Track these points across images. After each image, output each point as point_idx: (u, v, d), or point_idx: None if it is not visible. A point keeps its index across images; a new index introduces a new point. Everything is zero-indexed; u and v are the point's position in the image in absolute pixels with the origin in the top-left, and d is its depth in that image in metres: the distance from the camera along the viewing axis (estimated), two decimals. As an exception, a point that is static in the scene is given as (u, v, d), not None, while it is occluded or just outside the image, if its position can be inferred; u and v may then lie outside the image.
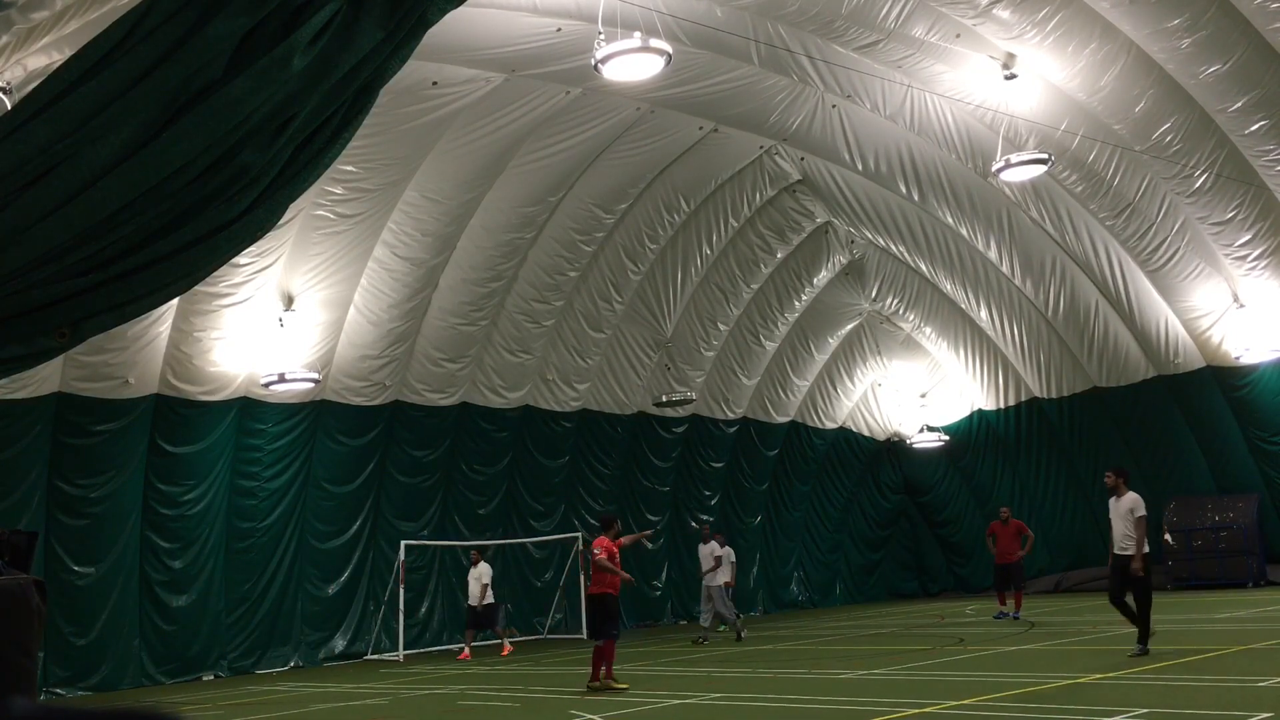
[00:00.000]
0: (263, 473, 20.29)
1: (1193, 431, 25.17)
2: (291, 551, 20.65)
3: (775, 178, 23.92)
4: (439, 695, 14.37)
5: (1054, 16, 17.41)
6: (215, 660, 19.41)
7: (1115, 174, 21.12)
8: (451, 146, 18.96)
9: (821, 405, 29.53)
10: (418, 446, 22.46)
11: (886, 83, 19.73)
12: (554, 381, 24.26)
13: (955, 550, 29.98)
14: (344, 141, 2.75)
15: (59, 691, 17.29)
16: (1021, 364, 27.00)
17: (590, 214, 22.31)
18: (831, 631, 20.38)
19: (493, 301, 22.18)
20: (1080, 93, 19.22)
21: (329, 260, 19.31)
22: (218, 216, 2.57)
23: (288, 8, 2.45)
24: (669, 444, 26.77)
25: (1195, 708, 9.02)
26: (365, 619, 21.69)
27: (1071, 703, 9.60)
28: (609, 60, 13.34)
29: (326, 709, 13.69)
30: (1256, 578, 23.66)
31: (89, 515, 18.17)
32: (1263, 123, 19.11)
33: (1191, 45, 17.81)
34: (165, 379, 18.70)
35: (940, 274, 25.87)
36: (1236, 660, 11.91)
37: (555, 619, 24.46)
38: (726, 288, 25.57)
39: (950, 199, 23.14)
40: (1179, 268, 22.58)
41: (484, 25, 16.27)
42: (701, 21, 16.81)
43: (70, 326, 2.58)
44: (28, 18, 12.04)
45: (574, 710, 11.60)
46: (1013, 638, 15.60)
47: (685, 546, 26.85)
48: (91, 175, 2.38)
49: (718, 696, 12.07)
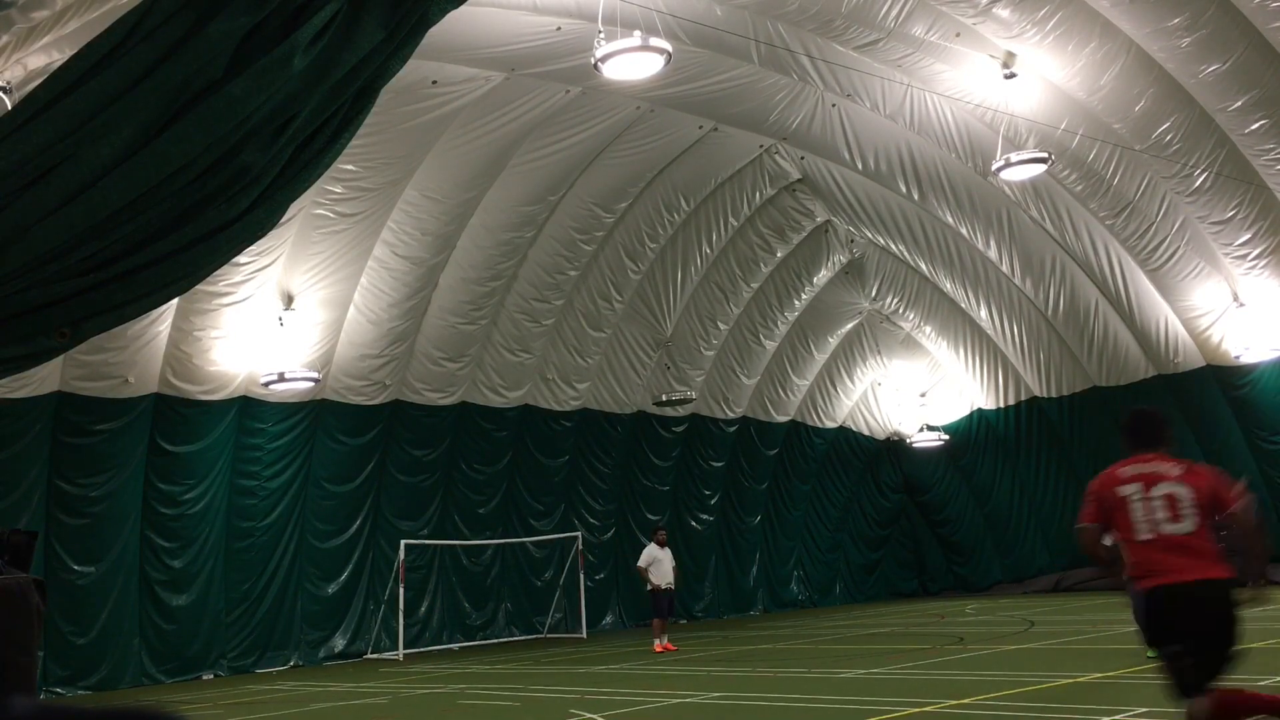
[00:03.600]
0: (263, 472, 20.30)
1: (1192, 431, 25.13)
2: (291, 551, 20.66)
3: (775, 177, 23.91)
4: (439, 694, 14.37)
5: (1054, 15, 17.41)
6: (215, 659, 19.42)
7: (1115, 173, 21.12)
8: (451, 145, 18.96)
9: (821, 405, 29.54)
10: (418, 446, 22.46)
11: (886, 82, 19.72)
12: (554, 381, 24.26)
13: (955, 549, 29.98)
14: (345, 141, 2.75)
15: (59, 691, 17.30)
16: (1021, 363, 27.00)
17: (590, 213, 22.31)
18: (831, 631, 20.38)
19: (493, 301, 22.18)
20: (1080, 92, 19.21)
21: (329, 259, 19.31)
22: (218, 216, 2.57)
23: (288, 8, 2.45)
24: (669, 443, 26.77)
25: (1195, 707, 9.01)
26: (365, 618, 21.70)
27: (1071, 702, 9.60)
28: (609, 59, 13.33)
29: (326, 708, 13.70)
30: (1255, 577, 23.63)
31: (89, 514, 18.17)
32: (1262, 122, 19.10)
33: (1191, 44, 17.81)
34: (165, 378, 18.70)
35: (940, 273, 25.87)
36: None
37: (555, 618, 24.46)
38: (726, 287, 25.57)
39: (950, 198, 23.13)
40: (1179, 267, 22.57)
41: (484, 24, 16.27)
42: (701, 20, 16.81)
43: (71, 326, 2.58)
44: (28, 17, 12.04)
45: (574, 710, 11.60)
46: (1013, 638, 15.60)
47: (686, 546, 26.88)
48: (92, 175, 2.38)
49: (718, 696, 12.07)
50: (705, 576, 27.44)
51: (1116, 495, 5.93)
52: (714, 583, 27.64)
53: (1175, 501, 5.80)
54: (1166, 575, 5.74)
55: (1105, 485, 6.03)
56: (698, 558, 27.22)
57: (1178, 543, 5.77)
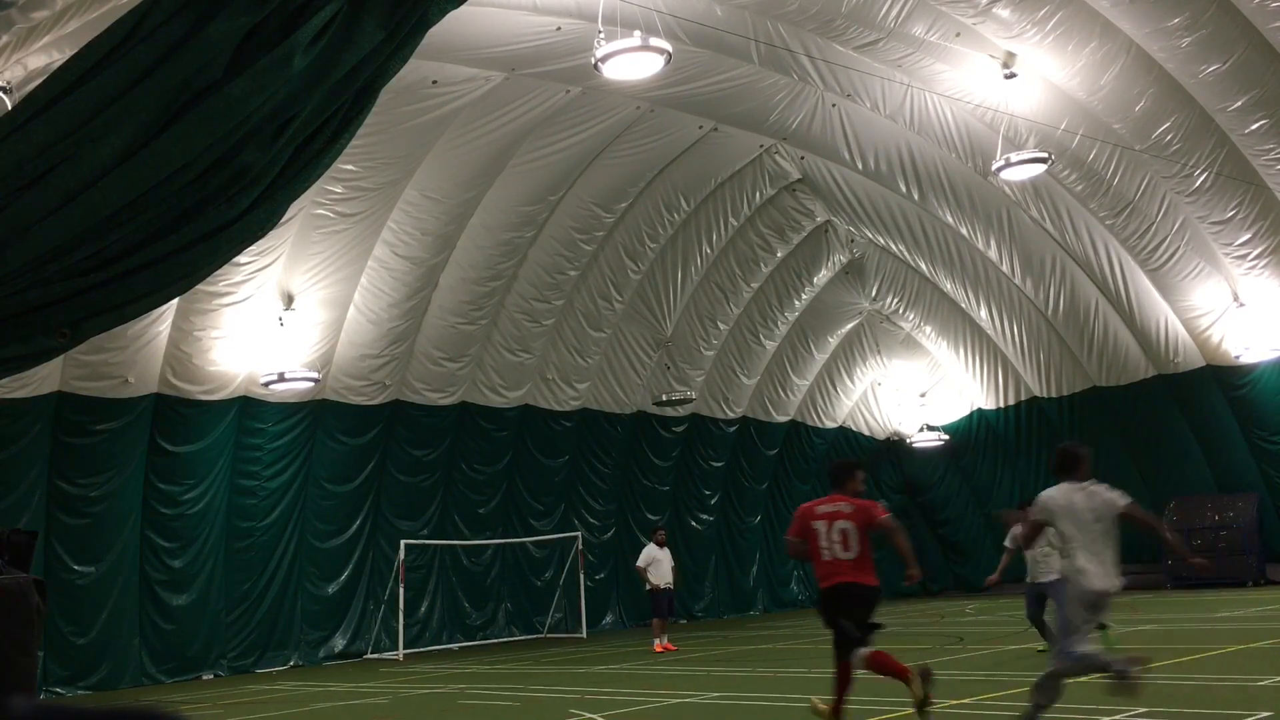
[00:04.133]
0: (263, 472, 20.29)
1: (1192, 431, 25.16)
2: (291, 551, 20.65)
3: (775, 177, 23.91)
4: (439, 694, 14.37)
5: (1054, 15, 17.41)
6: (215, 659, 19.41)
7: (1115, 173, 21.12)
8: (451, 145, 18.96)
9: (821, 404, 29.53)
10: (418, 446, 22.45)
11: (886, 82, 19.72)
12: (554, 381, 24.25)
13: (955, 549, 29.98)
14: (344, 141, 2.75)
15: (59, 690, 17.29)
16: (1021, 363, 27.00)
17: (590, 213, 22.31)
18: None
19: (493, 301, 22.17)
20: (1080, 92, 19.21)
21: (329, 259, 19.30)
22: (218, 216, 2.57)
23: (288, 8, 2.45)
24: (669, 443, 26.77)
25: (1195, 707, 9.02)
26: (365, 618, 21.69)
27: (1071, 702, 9.59)
28: (609, 59, 13.33)
29: (326, 708, 13.70)
30: (1256, 577, 23.66)
31: (89, 514, 18.16)
32: (1262, 122, 19.10)
33: (1191, 44, 17.80)
34: (165, 378, 18.69)
35: (940, 273, 25.87)
36: (1236, 660, 11.91)
37: (555, 618, 24.46)
38: (726, 287, 25.57)
39: (950, 198, 23.13)
40: (1179, 267, 22.57)
41: (484, 24, 16.27)
42: (701, 20, 16.80)
43: (71, 326, 2.58)
44: (28, 17, 12.04)
45: (574, 710, 11.60)
46: (1013, 638, 15.59)
47: (686, 546, 26.88)
48: (92, 175, 2.38)
49: (717, 696, 12.07)
50: (705, 576, 27.44)
51: (810, 526, 8.82)
52: (714, 583, 27.64)
53: (846, 534, 8.71)
54: (835, 579, 8.87)
55: (805, 515, 8.95)
56: (698, 558, 27.22)
57: (845, 560, 8.81)
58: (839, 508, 8.80)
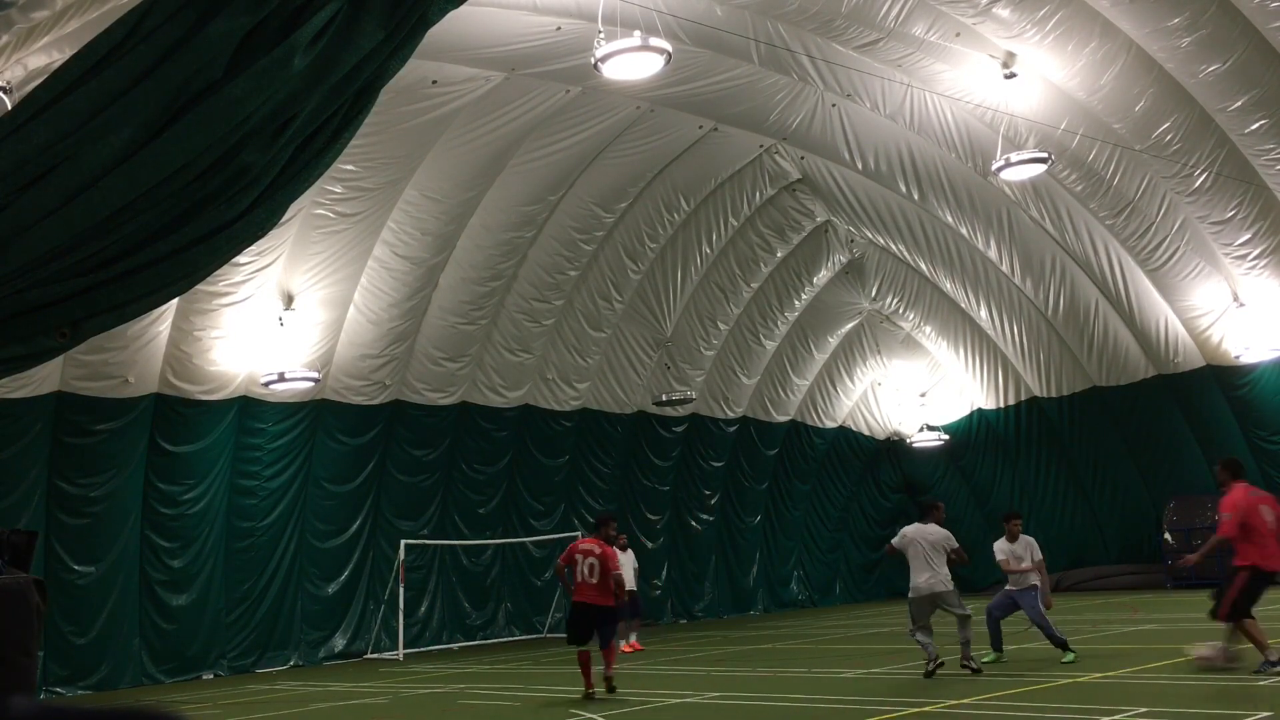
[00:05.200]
0: (262, 472, 20.30)
1: (1192, 431, 25.16)
2: (291, 551, 20.65)
3: (775, 177, 23.91)
4: (439, 694, 14.37)
5: (1054, 15, 17.41)
6: (215, 659, 19.42)
7: (1115, 173, 21.12)
8: (451, 145, 18.96)
9: (821, 404, 29.54)
10: (418, 446, 22.46)
11: (886, 82, 19.72)
12: (554, 381, 24.26)
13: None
14: (344, 141, 2.75)
15: (59, 690, 17.30)
16: (1021, 363, 27.00)
17: (590, 213, 22.31)
18: (831, 630, 20.38)
19: (493, 301, 22.18)
20: (1080, 92, 19.21)
21: (329, 259, 19.31)
22: (218, 216, 2.57)
23: (288, 8, 2.45)
24: (669, 443, 26.77)
25: (1195, 707, 9.03)
26: (365, 618, 21.70)
27: (1071, 702, 9.60)
28: (609, 59, 13.33)
29: (326, 708, 13.70)
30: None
31: (89, 514, 18.16)
32: (1262, 122, 19.10)
33: (1191, 44, 17.81)
34: (165, 378, 18.70)
35: (940, 273, 25.87)
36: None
37: (555, 618, 24.46)
38: (726, 287, 25.57)
39: (950, 198, 23.14)
40: (1179, 267, 22.57)
41: (484, 24, 16.28)
42: (701, 20, 16.81)
43: (71, 326, 2.58)
44: (28, 17, 12.04)
45: (574, 710, 11.60)
46: (1012, 638, 15.59)
47: (685, 546, 26.87)
48: (92, 175, 2.37)
49: (717, 696, 12.07)
50: (705, 576, 27.44)
51: (574, 559, 12.78)
52: (714, 583, 27.64)
53: (593, 566, 12.49)
54: (584, 598, 12.63)
55: (572, 551, 12.94)
56: (698, 558, 27.23)
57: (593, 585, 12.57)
58: (591, 548, 12.69)
